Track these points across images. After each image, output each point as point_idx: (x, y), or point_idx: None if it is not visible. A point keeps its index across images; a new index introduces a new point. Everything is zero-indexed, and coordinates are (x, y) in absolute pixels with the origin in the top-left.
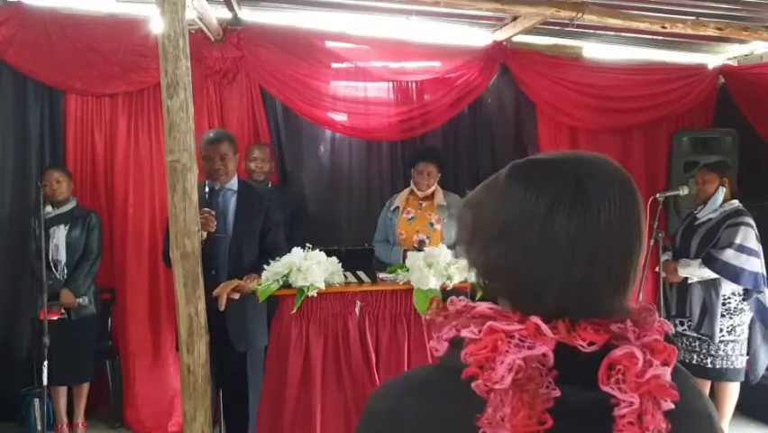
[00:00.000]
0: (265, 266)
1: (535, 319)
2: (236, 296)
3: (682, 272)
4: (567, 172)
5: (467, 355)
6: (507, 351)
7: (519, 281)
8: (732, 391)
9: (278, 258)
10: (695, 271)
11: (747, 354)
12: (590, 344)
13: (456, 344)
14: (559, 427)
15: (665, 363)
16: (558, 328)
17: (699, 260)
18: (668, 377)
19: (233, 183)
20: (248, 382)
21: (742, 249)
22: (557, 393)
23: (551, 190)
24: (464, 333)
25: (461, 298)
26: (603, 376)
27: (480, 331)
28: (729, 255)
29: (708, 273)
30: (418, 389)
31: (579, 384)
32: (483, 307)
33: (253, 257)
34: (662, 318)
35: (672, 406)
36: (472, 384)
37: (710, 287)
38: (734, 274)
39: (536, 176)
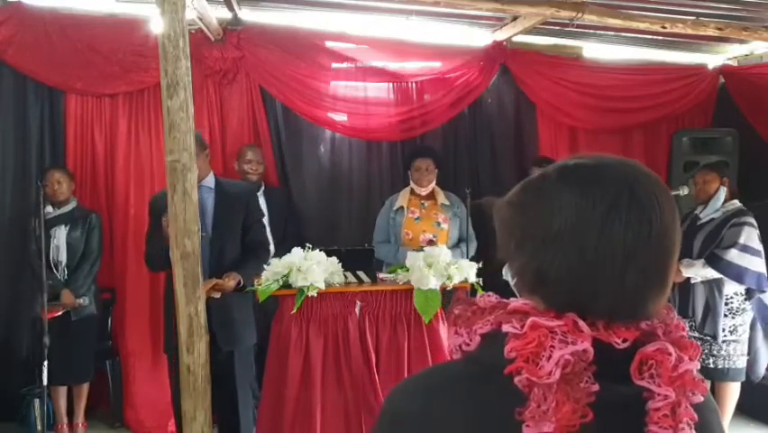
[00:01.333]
0: (265, 266)
1: (573, 316)
2: (217, 295)
3: (686, 273)
4: (619, 179)
5: (511, 351)
6: (551, 346)
7: (574, 287)
8: (733, 391)
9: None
10: (699, 271)
11: (748, 354)
12: (624, 340)
13: (491, 339)
14: (597, 420)
15: (692, 359)
16: (596, 325)
17: (703, 260)
18: (696, 372)
19: (209, 181)
20: (236, 381)
21: (745, 249)
22: (596, 388)
23: (607, 197)
24: (506, 328)
25: (491, 294)
26: (635, 371)
27: (522, 327)
28: (733, 255)
29: (712, 273)
30: (448, 385)
31: (613, 379)
32: (519, 303)
33: (235, 255)
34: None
35: (701, 399)
36: (515, 379)
37: (713, 287)
38: (737, 274)
39: (589, 181)
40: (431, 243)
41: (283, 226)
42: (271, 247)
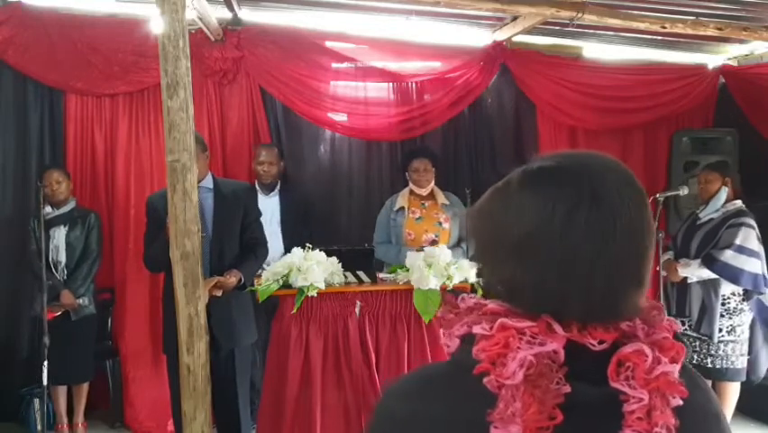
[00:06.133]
0: (265, 266)
1: (546, 317)
2: (218, 293)
3: (682, 272)
4: (580, 180)
5: (479, 351)
6: (518, 347)
7: (543, 292)
8: (732, 392)
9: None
10: (695, 271)
11: (749, 354)
12: (600, 342)
13: (467, 340)
14: (569, 422)
15: (674, 361)
16: (570, 327)
17: (699, 260)
18: (676, 374)
19: (208, 181)
20: (237, 380)
21: (741, 250)
22: (567, 389)
23: (567, 200)
24: (476, 329)
25: (472, 295)
26: (613, 373)
27: (491, 328)
28: (728, 256)
29: (708, 274)
30: (432, 387)
31: (589, 381)
32: (494, 305)
33: (235, 254)
34: (669, 317)
35: (681, 402)
36: (484, 380)
37: (710, 287)
38: (733, 275)
39: (550, 185)
40: (434, 242)
41: (298, 227)
42: (281, 246)
